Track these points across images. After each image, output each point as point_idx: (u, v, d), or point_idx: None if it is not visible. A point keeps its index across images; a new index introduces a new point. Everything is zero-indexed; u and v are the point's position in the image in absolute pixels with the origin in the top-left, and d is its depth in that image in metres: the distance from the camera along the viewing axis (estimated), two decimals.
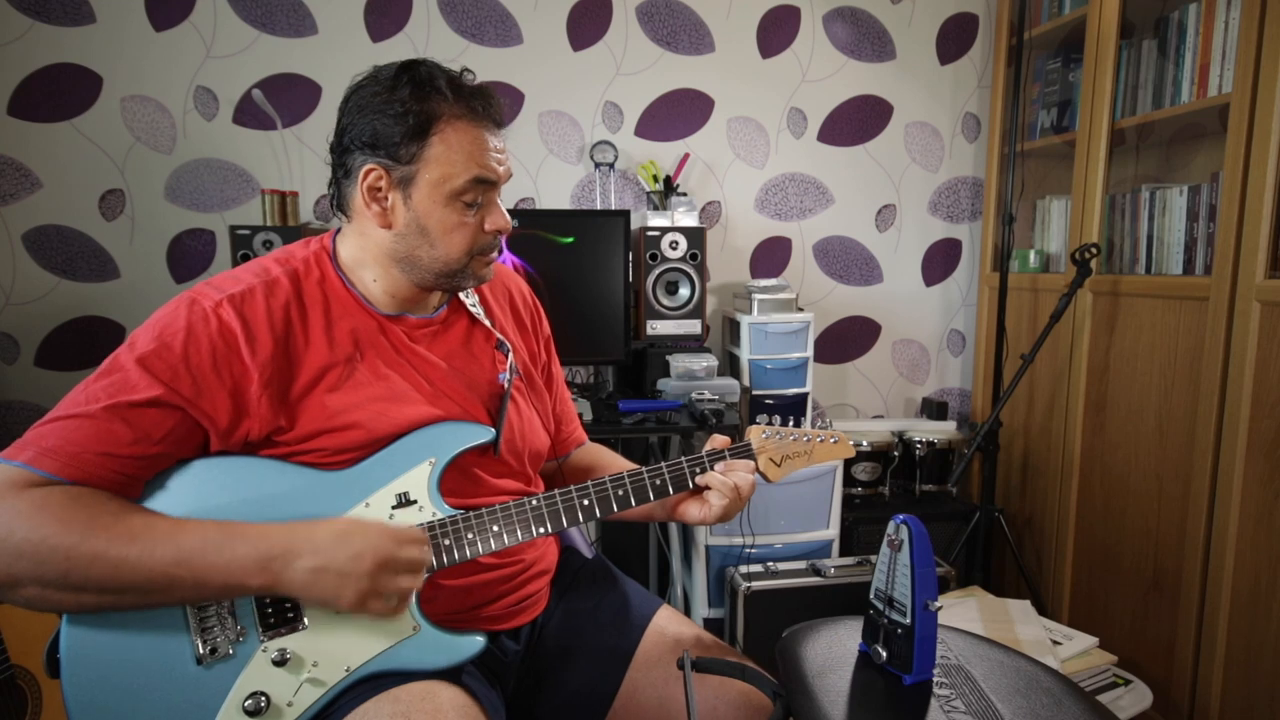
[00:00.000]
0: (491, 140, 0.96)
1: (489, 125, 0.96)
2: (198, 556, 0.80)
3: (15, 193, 2.11)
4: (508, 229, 1.00)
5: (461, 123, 0.94)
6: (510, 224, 1.01)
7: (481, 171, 0.95)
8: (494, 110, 0.97)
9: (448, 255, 0.97)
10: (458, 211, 0.96)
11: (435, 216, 0.95)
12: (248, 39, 2.17)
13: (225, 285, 0.93)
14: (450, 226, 0.96)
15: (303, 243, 1.02)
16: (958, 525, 2.19)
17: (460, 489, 0.99)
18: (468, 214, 0.96)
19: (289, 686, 0.86)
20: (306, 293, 0.96)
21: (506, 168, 0.99)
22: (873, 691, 0.89)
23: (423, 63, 0.95)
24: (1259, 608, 1.61)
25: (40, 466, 0.81)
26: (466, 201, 0.96)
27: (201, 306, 0.89)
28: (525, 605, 1.07)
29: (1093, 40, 2.03)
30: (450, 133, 0.93)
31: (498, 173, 0.97)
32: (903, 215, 2.57)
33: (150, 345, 0.86)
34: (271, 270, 0.96)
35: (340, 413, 0.92)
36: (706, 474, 1.02)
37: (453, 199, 0.95)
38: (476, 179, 0.94)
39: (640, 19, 2.35)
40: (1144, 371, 1.91)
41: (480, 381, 1.05)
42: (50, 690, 1.47)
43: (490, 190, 0.98)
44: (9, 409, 2.17)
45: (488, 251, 1.00)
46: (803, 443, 1.09)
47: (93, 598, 0.80)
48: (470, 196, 0.95)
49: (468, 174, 0.94)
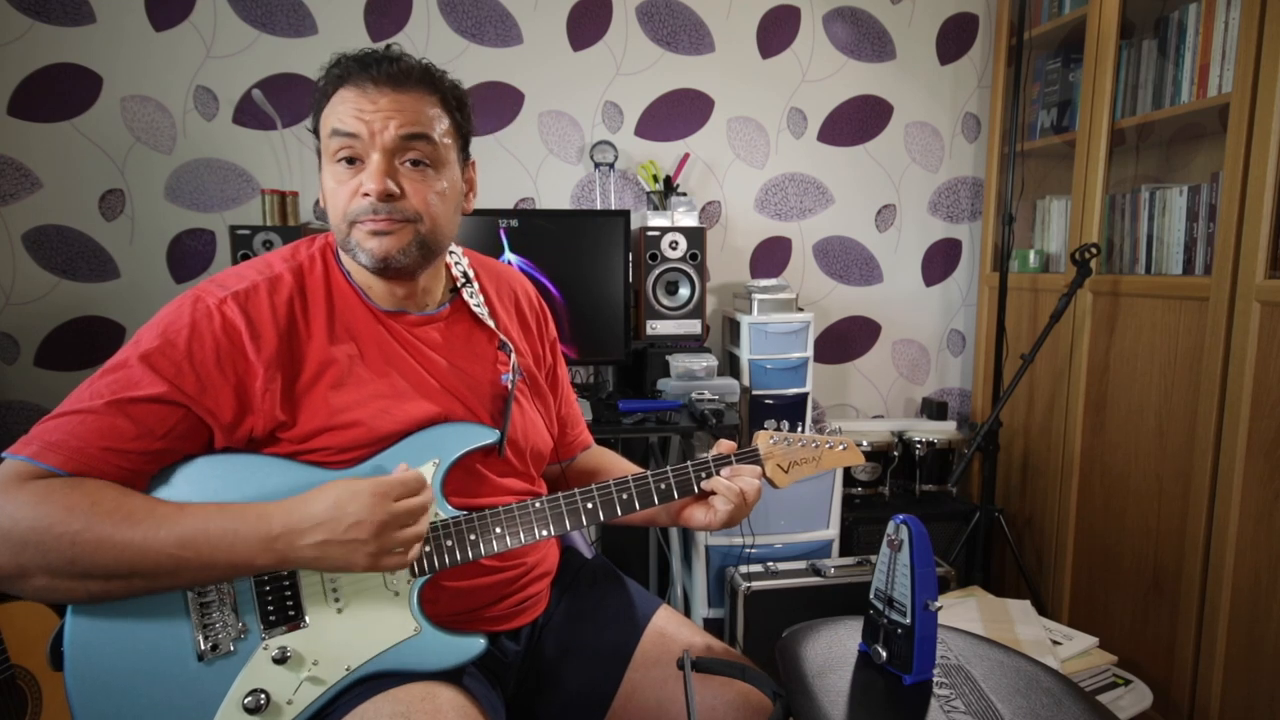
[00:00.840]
0: (365, 96, 0.91)
1: (366, 84, 0.92)
2: (201, 537, 0.81)
3: (15, 193, 2.11)
4: (376, 190, 0.90)
5: (341, 86, 0.93)
6: (382, 186, 0.90)
7: (337, 123, 0.92)
8: (376, 69, 0.92)
9: (336, 224, 0.95)
10: (334, 175, 0.94)
11: (325, 184, 0.96)
12: (248, 39, 2.17)
13: (229, 282, 0.93)
14: (330, 191, 0.95)
15: (308, 240, 1.02)
16: (958, 525, 2.19)
17: (464, 490, 0.99)
18: (344, 176, 0.93)
19: (289, 685, 0.86)
20: (310, 288, 0.96)
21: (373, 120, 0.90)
22: (873, 691, 0.89)
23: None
24: (1259, 608, 1.61)
25: (44, 460, 0.81)
26: (342, 159, 0.92)
27: (206, 304, 0.89)
28: (526, 606, 1.07)
29: (1093, 40, 2.03)
30: (334, 97, 0.94)
31: (357, 124, 0.90)
32: (903, 215, 2.57)
33: (154, 342, 0.87)
34: (275, 266, 0.96)
35: (342, 410, 0.92)
36: (712, 479, 1.01)
37: (330, 161, 0.94)
38: (333, 130, 0.92)
39: (640, 19, 2.35)
40: (1144, 371, 1.91)
41: (482, 381, 1.04)
42: (50, 690, 1.47)
43: (359, 145, 0.91)
44: (9, 409, 2.17)
45: (362, 218, 0.92)
46: (811, 449, 1.08)
47: (100, 584, 0.81)
48: (338, 152, 0.92)
49: (328, 128, 0.93)
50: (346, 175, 0.93)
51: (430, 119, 0.94)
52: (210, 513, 0.83)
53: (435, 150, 0.95)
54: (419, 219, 0.94)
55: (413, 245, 0.94)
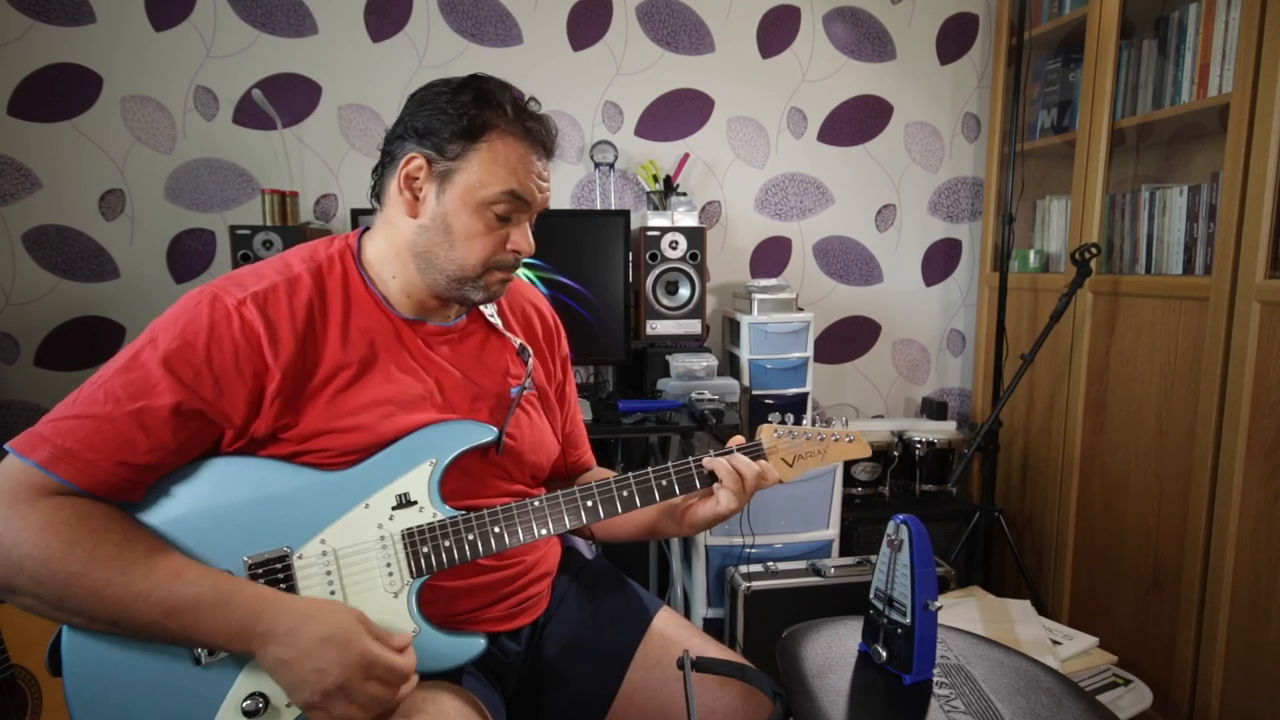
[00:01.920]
0: (537, 163, 0.99)
1: (539, 149, 0.99)
2: (188, 614, 0.80)
3: (15, 193, 2.11)
4: (528, 253, 1.01)
5: (512, 138, 0.96)
6: (532, 249, 1.01)
7: (518, 187, 0.96)
8: (547, 137, 1.00)
9: (464, 260, 0.97)
10: (484, 220, 0.96)
11: (461, 218, 0.96)
12: (248, 39, 2.17)
13: (248, 282, 0.92)
14: (473, 233, 0.96)
15: (327, 240, 1.02)
16: (958, 525, 2.19)
17: (462, 490, 0.99)
18: (494, 226, 0.97)
19: None
20: (329, 290, 0.96)
21: (546, 195, 1.01)
22: (873, 691, 0.89)
23: (494, 79, 0.99)
24: (1259, 608, 1.61)
25: (56, 471, 0.80)
26: (497, 213, 0.96)
27: (225, 304, 0.88)
28: (526, 607, 1.07)
29: (1093, 40, 2.03)
30: (499, 143, 0.95)
31: (534, 194, 0.98)
32: (903, 215, 2.57)
33: (173, 344, 0.85)
34: (294, 267, 0.95)
35: (346, 414, 0.92)
36: (713, 459, 1.01)
37: (483, 207, 0.96)
38: (511, 192, 0.96)
39: (640, 19, 2.35)
40: (1144, 371, 1.91)
41: (491, 392, 1.04)
42: (50, 690, 1.47)
43: (522, 210, 0.99)
44: (9, 409, 2.17)
45: (503, 269, 1.00)
46: (816, 442, 1.07)
47: (83, 621, 0.81)
48: (501, 209, 0.96)
49: (504, 185, 0.95)
50: (498, 225, 0.98)
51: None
52: (204, 589, 0.81)
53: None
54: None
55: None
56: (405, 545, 0.92)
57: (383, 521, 0.92)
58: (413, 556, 0.92)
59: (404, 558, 0.92)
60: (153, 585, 0.80)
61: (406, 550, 0.92)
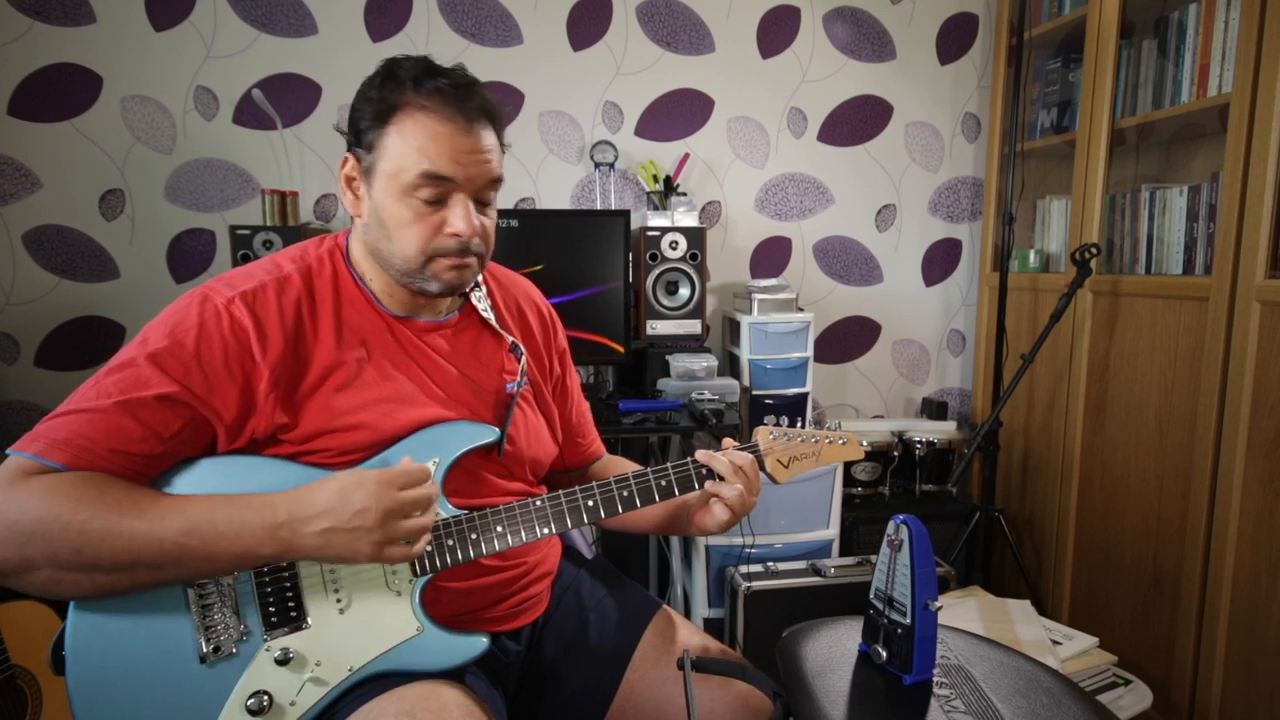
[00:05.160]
0: (458, 136, 0.90)
1: (458, 120, 0.90)
2: (207, 525, 0.81)
3: (15, 193, 2.11)
4: (468, 234, 0.93)
5: (420, 114, 0.90)
6: (472, 229, 0.93)
7: (431, 166, 0.90)
8: (468, 105, 0.91)
9: (404, 252, 0.93)
10: (411, 208, 0.91)
11: (389, 210, 0.93)
12: (248, 39, 2.17)
13: (237, 282, 0.92)
14: (403, 221, 0.92)
15: (317, 240, 1.02)
16: (958, 525, 2.19)
17: (464, 490, 0.99)
18: (425, 211, 0.92)
19: (292, 686, 0.86)
20: (318, 290, 0.96)
21: (479, 168, 0.92)
22: (873, 691, 0.90)
23: (410, 57, 0.93)
24: (1259, 608, 1.61)
25: (50, 458, 0.81)
26: (423, 198, 0.91)
27: (214, 303, 0.89)
28: (527, 606, 1.07)
29: (1093, 40, 2.03)
30: (407, 123, 0.90)
31: (456, 169, 0.91)
32: (903, 215, 2.58)
33: (163, 342, 0.86)
34: (284, 267, 0.96)
35: (346, 413, 0.92)
36: (710, 455, 1.01)
37: (405, 193, 0.91)
38: (426, 174, 0.90)
39: (640, 19, 2.35)
40: (1144, 371, 1.91)
41: (488, 388, 1.04)
42: (50, 690, 1.47)
43: (451, 189, 0.92)
44: (9, 409, 2.17)
45: (447, 255, 0.94)
46: (811, 444, 1.08)
47: (105, 576, 0.80)
48: (425, 193, 0.91)
49: (418, 167, 0.90)
50: (426, 210, 0.92)
51: (501, 158, 0.97)
52: (216, 502, 0.83)
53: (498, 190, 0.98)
54: (483, 254, 0.98)
55: (473, 276, 0.99)
56: None
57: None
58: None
59: None
60: (164, 511, 0.81)
61: None
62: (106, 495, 0.80)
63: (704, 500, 1.04)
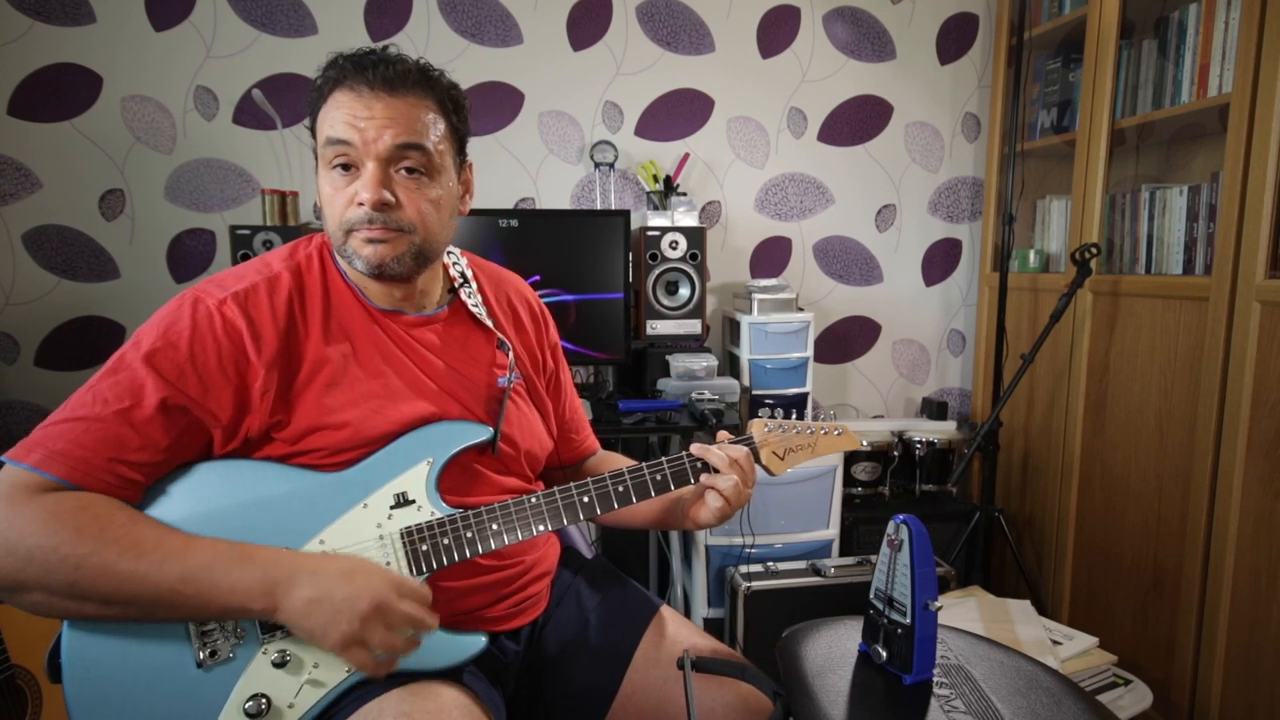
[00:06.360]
0: (356, 103, 0.90)
1: (359, 87, 0.90)
2: (204, 575, 0.80)
3: (15, 193, 2.11)
4: (370, 201, 0.90)
5: (337, 89, 0.92)
6: (376, 196, 0.90)
7: (332, 131, 0.91)
8: (371, 75, 0.90)
9: (331, 229, 0.95)
10: (330, 181, 0.93)
11: (321, 189, 0.95)
12: (248, 39, 2.17)
13: (228, 282, 0.93)
14: (327, 198, 0.94)
15: (305, 239, 1.02)
16: (958, 525, 2.19)
17: (459, 488, 0.99)
18: (340, 184, 0.92)
19: (290, 688, 0.86)
20: (308, 287, 0.96)
21: (376, 132, 0.89)
22: (873, 691, 0.89)
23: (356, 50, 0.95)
24: (1259, 608, 1.61)
25: (49, 470, 0.81)
26: (335, 165, 0.92)
27: (206, 305, 0.89)
28: (525, 606, 1.07)
29: (1093, 40, 2.03)
30: (330, 99, 0.93)
31: (350, 130, 0.89)
32: (903, 215, 2.57)
33: (157, 344, 0.86)
34: (274, 266, 0.96)
35: (335, 410, 0.92)
36: (705, 448, 1.01)
37: (326, 166, 0.93)
38: (328, 139, 0.91)
39: (640, 19, 2.35)
40: (1144, 371, 1.91)
41: (479, 383, 1.04)
42: (50, 691, 1.47)
43: (353, 155, 0.91)
44: (9, 409, 2.17)
45: (358, 227, 0.92)
46: (806, 435, 1.08)
47: (95, 608, 0.80)
48: (332, 157, 0.92)
49: (323, 136, 0.92)
50: (343, 182, 0.93)
51: (426, 125, 0.93)
52: (219, 551, 0.82)
53: (429, 159, 0.94)
54: (413, 229, 0.94)
55: (407, 254, 0.94)
56: (404, 544, 0.92)
57: (381, 521, 0.92)
58: (412, 555, 0.92)
59: (403, 556, 0.92)
60: (165, 554, 0.80)
61: (406, 549, 0.92)
62: (108, 531, 0.79)
63: (699, 493, 1.04)
